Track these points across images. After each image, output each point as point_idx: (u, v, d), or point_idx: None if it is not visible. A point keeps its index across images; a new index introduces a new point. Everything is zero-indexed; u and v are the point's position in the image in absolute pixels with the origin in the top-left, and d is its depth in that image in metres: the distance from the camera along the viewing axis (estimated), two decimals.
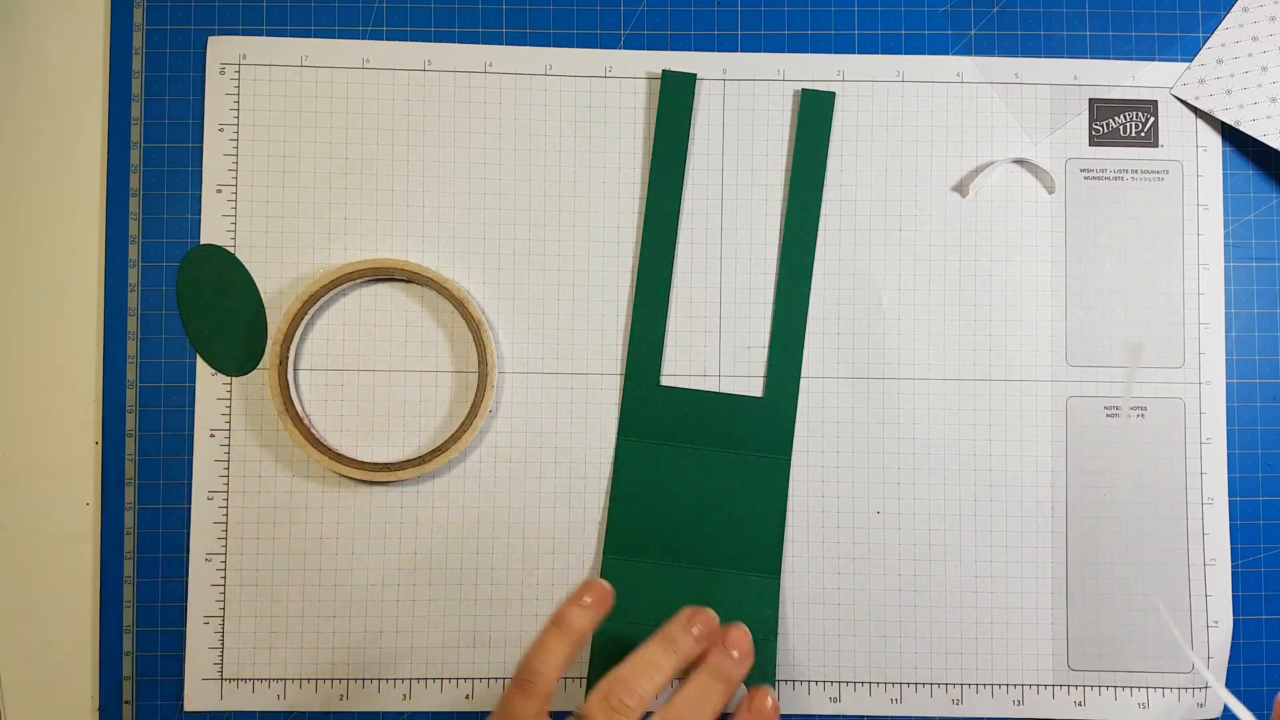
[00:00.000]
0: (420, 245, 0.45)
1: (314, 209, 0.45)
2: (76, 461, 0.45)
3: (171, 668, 0.44)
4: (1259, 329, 0.45)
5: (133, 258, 0.45)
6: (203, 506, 0.44)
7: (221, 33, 0.45)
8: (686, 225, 0.45)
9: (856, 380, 0.45)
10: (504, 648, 0.45)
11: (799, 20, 0.46)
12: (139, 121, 0.45)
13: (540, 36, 0.46)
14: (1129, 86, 0.45)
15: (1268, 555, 0.45)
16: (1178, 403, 0.45)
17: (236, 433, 0.45)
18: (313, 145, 0.45)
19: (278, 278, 0.45)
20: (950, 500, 0.45)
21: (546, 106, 0.45)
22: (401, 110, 0.45)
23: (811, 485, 0.45)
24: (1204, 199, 0.45)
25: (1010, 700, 0.44)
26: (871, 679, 0.44)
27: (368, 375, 0.45)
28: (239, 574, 0.44)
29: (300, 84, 0.45)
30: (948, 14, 0.46)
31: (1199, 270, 0.45)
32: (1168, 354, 0.45)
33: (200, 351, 0.45)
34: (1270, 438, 0.45)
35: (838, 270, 0.45)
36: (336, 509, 0.45)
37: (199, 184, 0.45)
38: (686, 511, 0.44)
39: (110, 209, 0.45)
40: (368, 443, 0.45)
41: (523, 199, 0.45)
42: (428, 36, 0.45)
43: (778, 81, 0.45)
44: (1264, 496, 0.45)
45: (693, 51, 0.45)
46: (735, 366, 0.45)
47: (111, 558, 0.44)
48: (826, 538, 0.45)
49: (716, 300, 0.45)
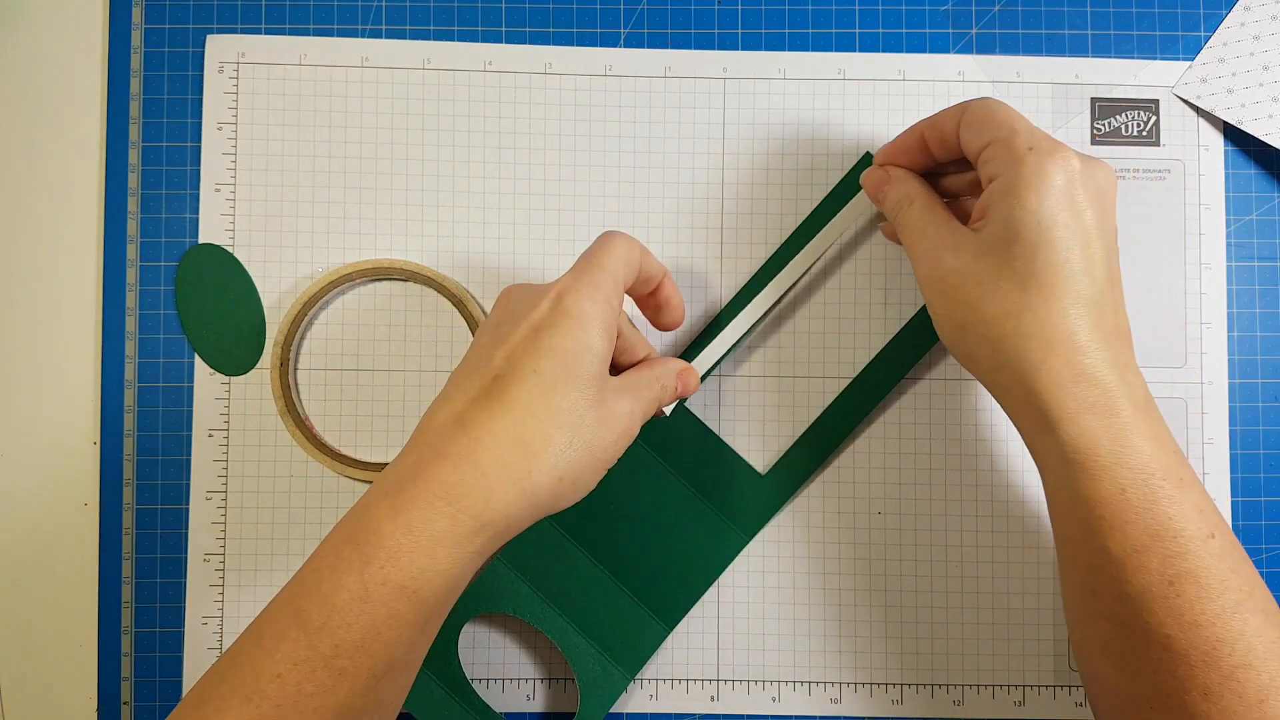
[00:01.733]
0: (420, 245, 0.45)
1: (313, 208, 0.45)
2: (75, 462, 0.45)
3: (170, 668, 0.44)
4: (1261, 329, 0.45)
5: (131, 257, 0.45)
6: (201, 507, 0.44)
7: (220, 31, 0.45)
8: (686, 225, 0.45)
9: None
10: (502, 648, 0.44)
11: (799, 19, 0.45)
12: (137, 120, 0.45)
13: (540, 35, 0.45)
14: (1131, 85, 0.45)
15: (1269, 556, 0.44)
16: (1179, 403, 0.45)
17: (235, 433, 0.44)
18: (312, 144, 0.45)
19: (276, 277, 0.45)
20: (950, 500, 0.45)
21: (546, 105, 0.45)
22: (400, 109, 0.45)
23: (811, 485, 0.45)
24: (1206, 198, 0.45)
25: (1011, 701, 0.44)
26: (872, 680, 0.44)
27: (367, 375, 0.45)
28: (238, 574, 0.44)
29: (299, 83, 0.45)
30: (949, 13, 0.46)
31: (1201, 270, 0.45)
32: (1169, 354, 0.45)
33: (199, 351, 0.45)
34: (1272, 438, 0.45)
35: (838, 270, 0.45)
36: (336, 509, 0.44)
37: (197, 183, 0.45)
38: (632, 521, 0.43)
39: (108, 208, 0.45)
40: (368, 443, 0.45)
41: (522, 198, 0.45)
42: (427, 35, 0.45)
43: (778, 80, 0.45)
44: (1266, 497, 0.44)
45: (693, 50, 0.45)
46: (735, 367, 0.45)
47: (110, 558, 0.44)
48: (827, 538, 0.44)
49: (717, 300, 0.45)
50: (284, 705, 0.30)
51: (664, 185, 0.45)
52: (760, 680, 0.44)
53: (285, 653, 0.30)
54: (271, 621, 0.31)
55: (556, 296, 0.34)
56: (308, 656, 0.30)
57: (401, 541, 0.31)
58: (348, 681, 0.30)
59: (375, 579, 0.31)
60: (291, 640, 0.30)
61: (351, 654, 0.30)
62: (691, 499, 0.44)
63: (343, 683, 0.30)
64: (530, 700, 0.44)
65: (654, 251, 0.44)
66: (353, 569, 0.31)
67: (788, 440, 0.45)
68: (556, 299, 0.34)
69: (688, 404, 0.45)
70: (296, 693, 0.30)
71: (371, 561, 0.31)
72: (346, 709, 0.31)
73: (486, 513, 0.32)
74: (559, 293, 0.34)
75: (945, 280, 0.36)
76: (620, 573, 0.43)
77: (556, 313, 0.34)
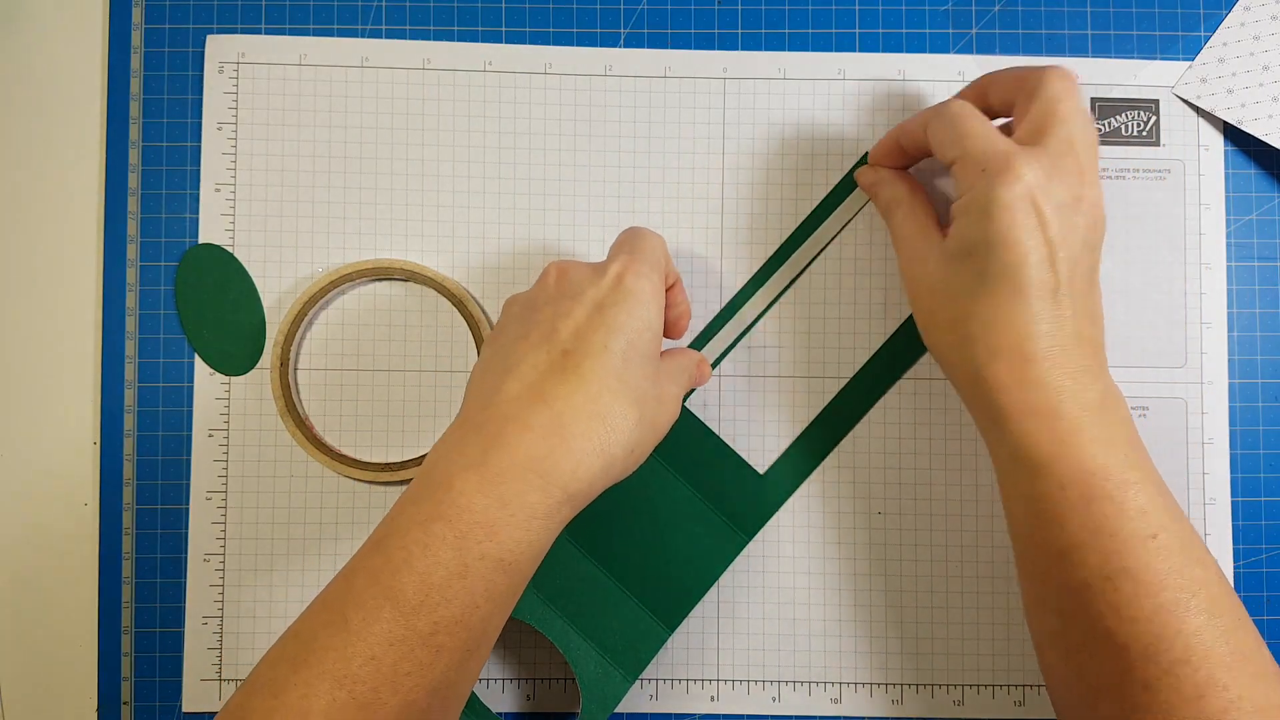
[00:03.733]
0: (420, 245, 0.45)
1: (312, 208, 0.45)
2: (75, 462, 0.45)
3: (170, 668, 0.44)
4: (1261, 329, 0.45)
5: (131, 257, 0.45)
6: (201, 507, 0.44)
7: (220, 31, 0.45)
8: (686, 225, 0.45)
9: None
10: (502, 649, 0.44)
11: (799, 19, 0.45)
12: (137, 120, 0.45)
13: (540, 35, 0.45)
14: (1131, 85, 0.45)
15: (1270, 556, 0.44)
16: (1179, 403, 0.45)
17: (235, 432, 0.44)
18: (311, 144, 0.45)
19: (276, 277, 0.45)
20: (950, 500, 0.45)
21: (546, 105, 0.45)
22: (400, 109, 0.45)
23: (812, 485, 0.45)
24: (1206, 198, 0.45)
25: (1011, 701, 0.44)
26: (872, 680, 0.44)
27: (367, 375, 0.45)
28: (238, 575, 0.44)
29: (299, 83, 0.45)
30: (949, 13, 0.46)
31: (1201, 270, 0.45)
32: (1169, 354, 0.45)
33: (199, 351, 0.45)
34: (1273, 438, 0.45)
35: (838, 270, 0.45)
36: (336, 509, 0.44)
37: (197, 183, 0.45)
38: (632, 522, 0.43)
39: (108, 208, 0.45)
40: (368, 443, 0.45)
41: (522, 198, 0.45)
42: (427, 35, 0.45)
43: (778, 80, 0.45)
44: (1266, 497, 0.44)
45: (693, 50, 0.45)
46: (735, 367, 0.45)
47: (110, 558, 0.44)
48: (827, 538, 0.44)
49: (717, 300, 0.45)
50: (380, 687, 0.30)
51: (664, 185, 0.45)
52: (760, 680, 0.44)
53: (380, 633, 0.30)
54: (358, 603, 0.31)
55: (617, 276, 0.35)
56: (405, 635, 0.30)
57: (497, 515, 0.31)
58: (444, 657, 0.31)
59: (474, 554, 0.31)
60: (386, 620, 0.30)
61: (450, 629, 0.30)
62: (691, 499, 0.44)
63: (440, 659, 0.30)
64: (530, 700, 0.44)
65: None
66: (448, 545, 0.31)
67: (788, 440, 0.45)
68: (617, 278, 0.35)
69: (688, 404, 0.45)
70: (393, 672, 0.30)
71: (468, 537, 0.31)
72: (440, 684, 0.31)
73: (573, 484, 0.32)
74: (619, 272, 0.35)
75: (917, 284, 0.38)
76: (620, 574, 0.43)
77: (619, 291, 0.35)
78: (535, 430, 0.32)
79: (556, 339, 0.34)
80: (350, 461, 0.44)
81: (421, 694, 0.30)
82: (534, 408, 0.33)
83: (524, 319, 0.36)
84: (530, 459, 0.32)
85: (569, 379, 0.33)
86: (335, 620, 0.30)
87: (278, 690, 0.30)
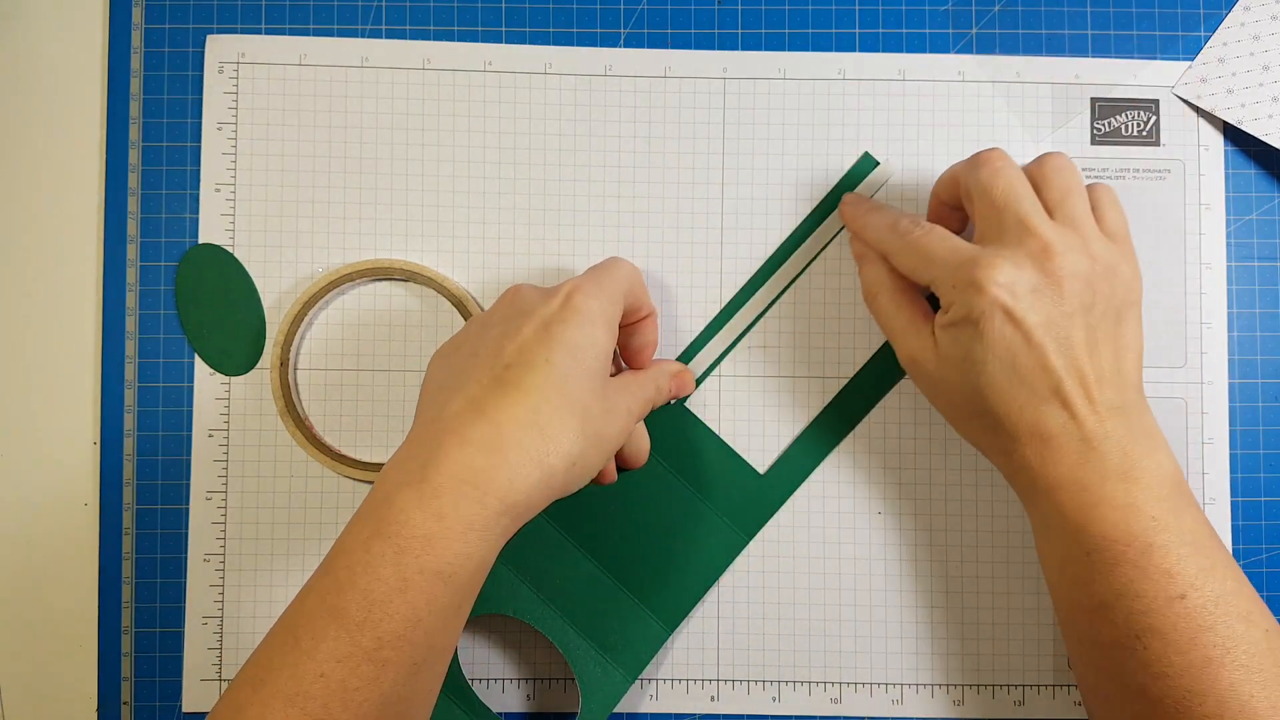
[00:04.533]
0: (420, 245, 0.45)
1: (312, 208, 0.45)
2: (75, 462, 0.45)
3: (170, 668, 0.44)
4: (1261, 329, 0.45)
5: (131, 257, 0.45)
6: (201, 507, 0.44)
7: (220, 32, 0.45)
8: (686, 225, 0.45)
9: None
10: (502, 649, 0.44)
11: (799, 19, 0.45)
12: (137, 120, 0.45)
13: (540, 35, 0.45)
14: (1131, 85, 0.45)
15: (1270, 556, 0.44)
16: (1179, 403, 0.45)
17: (235, 433, 0.44)
18: (312, 144, 0.45)
19: (276, 277, 0.45)
20: (951, 500, 0.45)
21: (546, 105, 0.45)
22: (400, 109, 0.45)
23: (812, 485, 0.45)
24: (1206, 198, 0.45)
25: (1011, 701, 0.44)
26: (873, 680, 0.44)
27: (367, 375, 0.45)
28: (237, 575, 0.44)
29: (299, 83, 0.45)
30: (949, 12, 0.46)
31: (1201, 269, 0.45)
32: (1169, 353, 0.45)
33: (198, 351, 0.45)
34: (1273, 438, 0.45)
35: (839, 270, 0.45)
36: (336, 509, 0.44)
37: (197, 183, 0.45)
38: (632, 521, 0.43)
39: (108, 208, 0.45)
40: (368, 443, 0.45)
41: (522, 198, 0.45)
42: (427, 35, 0.45)
43: (778, 80, 0.45)
44: (1266, 497, 0.44)
45: (693, 50, 0.45)
46: (735, 367, 0.45)
47: (110, 558, 0.44)
48: (827, 537, 0.44)
49: (716, 300, 0.45)
50: (330, 703, 0.30)
51: (664, 185, 0.45)
52: (760, 680, 0.44)
53: (327, 651, 0.30)
54: (307, 622, 0.31)
55: (566, 295, 0.36)
56: (350, 652, 0.30)
57: (433, 528, 0.31)
58: (391, 671, 0.31)
59: (412, 568, 0.31)
60: (332, 638, 0.31)
61: (394, 644, 0.31)
62: (691, 499, 0.44)
63: (386, 673, 0.31)
64: (530, 700, 0.44)
65: (654, 252, 0.45)
66: (387, 560, 0.31)
67: (788, 440, 0.45)
68: (566, 297, 0.36)
69: (688, 404, 0.45)
70: (342, 688, 0.30)
71: (406, 551, 0.31)
72: (390, 698, 0.31)
73: (510, 495, 0.32)
74: (569, 292, 0.36)
75: (916, 365, 0.39)
76: (620, 573, 0.43)
77: (567, 309, 0.36)
78: (473, 444, 0.33)
79: (501, 356, 0.35)
80: (350, 461, 0.44)
81: (371, 709, 0.31)
82: (474, 422, 0.33)
83: (477, 337, 0.37)
84: (467, 471, 0.32)
85: (509, 392, 0.34)
86: (288, 640, 0.31)
87: (237, 709, 0.31)
